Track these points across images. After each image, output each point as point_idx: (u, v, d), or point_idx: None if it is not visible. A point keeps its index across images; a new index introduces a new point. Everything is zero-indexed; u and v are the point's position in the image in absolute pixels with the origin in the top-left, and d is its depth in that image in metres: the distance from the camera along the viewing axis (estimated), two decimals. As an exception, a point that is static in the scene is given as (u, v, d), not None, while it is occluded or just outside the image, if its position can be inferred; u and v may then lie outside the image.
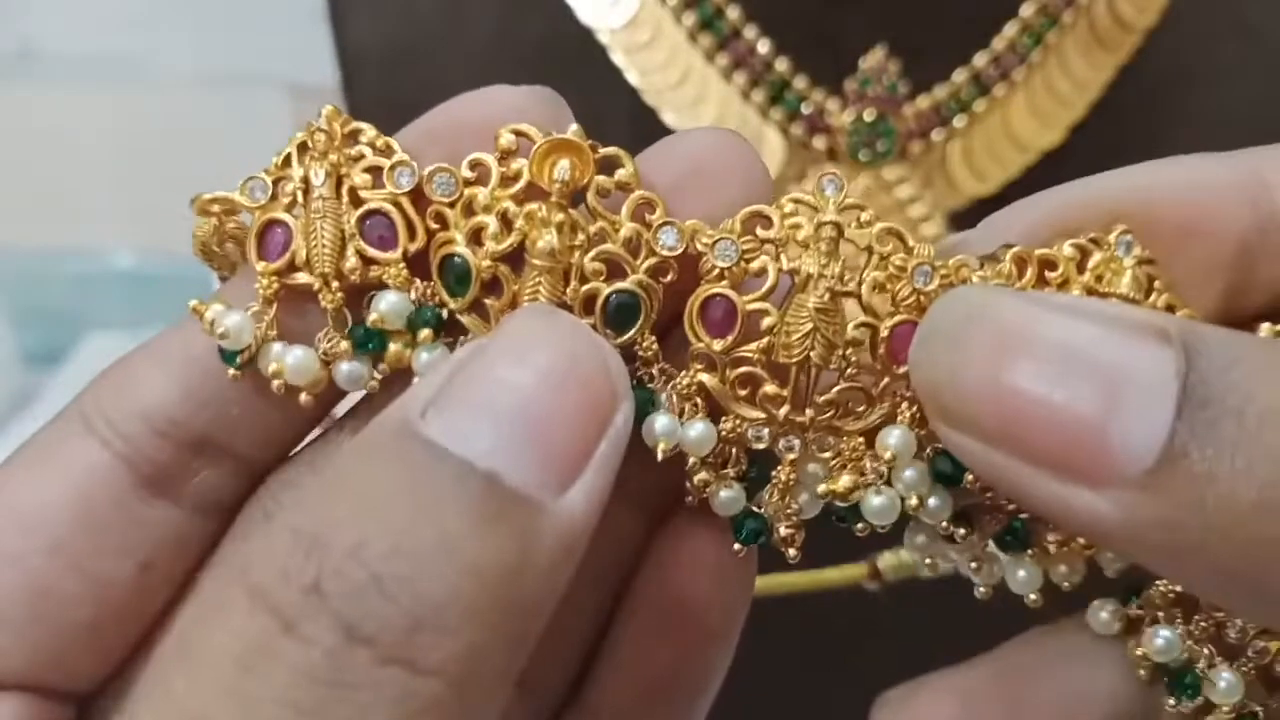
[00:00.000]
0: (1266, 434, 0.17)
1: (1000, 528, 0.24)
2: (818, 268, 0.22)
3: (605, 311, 0.22)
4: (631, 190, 0.22)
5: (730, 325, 0.22)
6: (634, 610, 0.24)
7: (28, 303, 0.89)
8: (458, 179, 0.22)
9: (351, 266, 0.22)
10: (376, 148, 0.23)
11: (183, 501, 0.23)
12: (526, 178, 0.22)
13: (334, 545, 0.17)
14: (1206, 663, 0.23)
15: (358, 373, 0.23)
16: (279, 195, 0.23)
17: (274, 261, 0.22)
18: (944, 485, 0.22)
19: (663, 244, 0.22)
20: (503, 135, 0.22)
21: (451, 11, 0.45)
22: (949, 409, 0.20)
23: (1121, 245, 0.23)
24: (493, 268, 0.22)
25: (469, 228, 0.22)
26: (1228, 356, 0.18)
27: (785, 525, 0.23)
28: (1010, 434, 0.19)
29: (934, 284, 0.22)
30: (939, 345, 0.20)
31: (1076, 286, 0.23)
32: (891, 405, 0.22)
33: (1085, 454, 0.18)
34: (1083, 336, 0.19)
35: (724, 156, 0.22)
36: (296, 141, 0.23)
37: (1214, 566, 0.18)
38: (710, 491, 0.23)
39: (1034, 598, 0.24)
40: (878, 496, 0.22)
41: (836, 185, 0.22)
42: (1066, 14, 0.44)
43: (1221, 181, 0.24)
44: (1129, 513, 0.18)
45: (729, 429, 0.22)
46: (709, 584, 0.24)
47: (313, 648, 0.17)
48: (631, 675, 0.24)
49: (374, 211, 0.22)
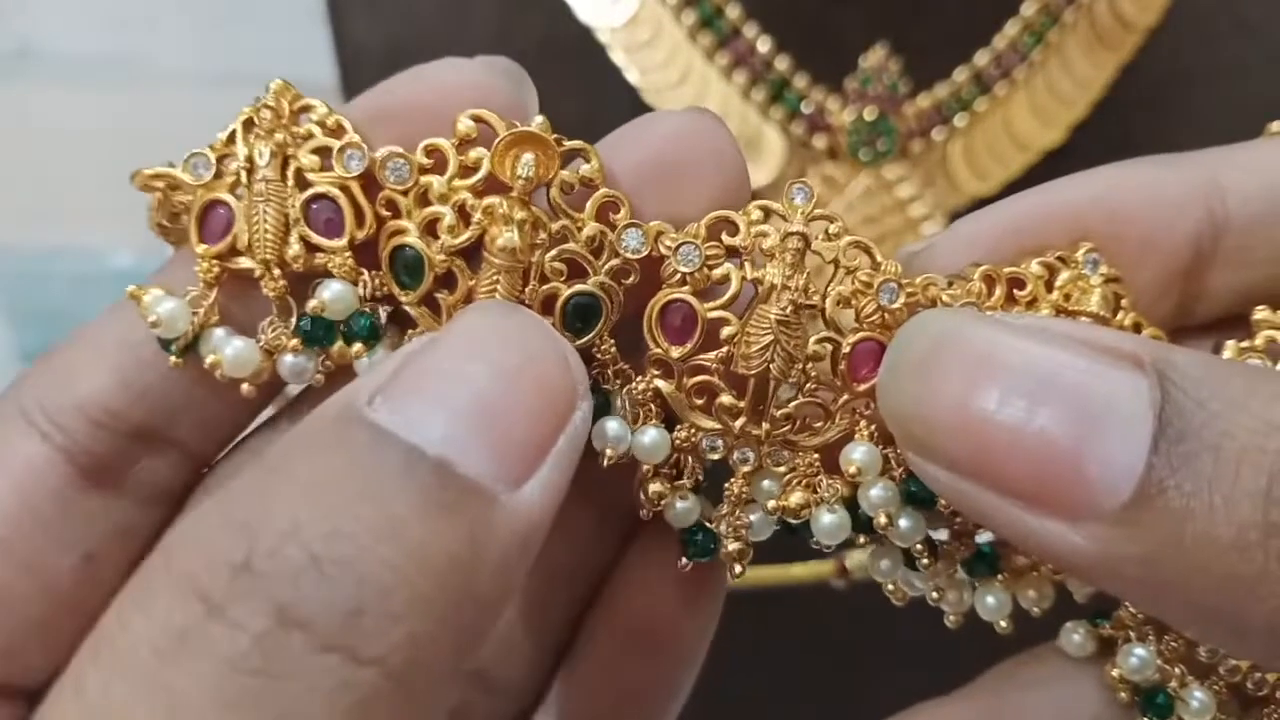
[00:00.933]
0: (1244, 470, 0.17)
1: (969, 553, 0.23)
2: (782, 279, 0.21)
3: (564, 312, 0.21)
4: (596, 186, 0.21)
5: (690, 332, 0.21)
6: (603, 623, 0.24)
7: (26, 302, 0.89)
8: (412, 165, 0.21)
9: (295, 254, 0.21)
10: (327, 126, 0.21)
11: (125, 492, 0.22)
12: (487, 169, 0.21)
13: (268, 525, 0.16)
14: (1178, 682, 0.23)
15: (302, 366, 0.22)
16: (223, 173, 0.22)
17: (215, 244, 0.21)
18: (915, 507, 0.22)
19: (626, 246, 0.21)
20: (461, 121, 0.21)
21: (451, 11, 0.45)
22: (918, 438, 0.20)
23: (1089, 263, 0.23)
24: (447, 262, 0.21)
25: (423, 218, 0.21)
26: (1204, 386, 0.18)
27: (733, 541, 0.22)
28: (981, 464, 0.18)
29: (900, 301, 0.21)
30: (907, 372, 0.20)
31: (1045, 305, 0.23)
32: (850, 422, 0.22)
33: (1058, 486, 0.18)
34: (1054, 363, 0.18)
35: (696, 141, 0.22)
36: (242, 117, 0.22)
37: (1192, 602, 0.17)
38: (665, 504, 0.22)
39: (1004, 624, 0.23)
40: (829, 514, 0.22)
41: (806, 194, 0.21)
42: (1068, 13, 0.44)
43: (1178, 190, 0.23)
44: (1104, 547, 0.17)
45: (684, 438, 0.22)
46: (677, 602, 0.24)
47: (241, 633, 0.15)
48: (598, 689, 0.24)
49: (320, 196, 0.21)
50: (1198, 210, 0.23)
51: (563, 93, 0.23)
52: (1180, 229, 0.23)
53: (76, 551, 0.22)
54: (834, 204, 0.44)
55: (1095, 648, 0.24)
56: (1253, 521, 0.17)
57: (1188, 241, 0.23)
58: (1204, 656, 0.23)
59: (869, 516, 0.22)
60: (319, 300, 0.21)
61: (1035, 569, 0.24)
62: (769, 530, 0.23)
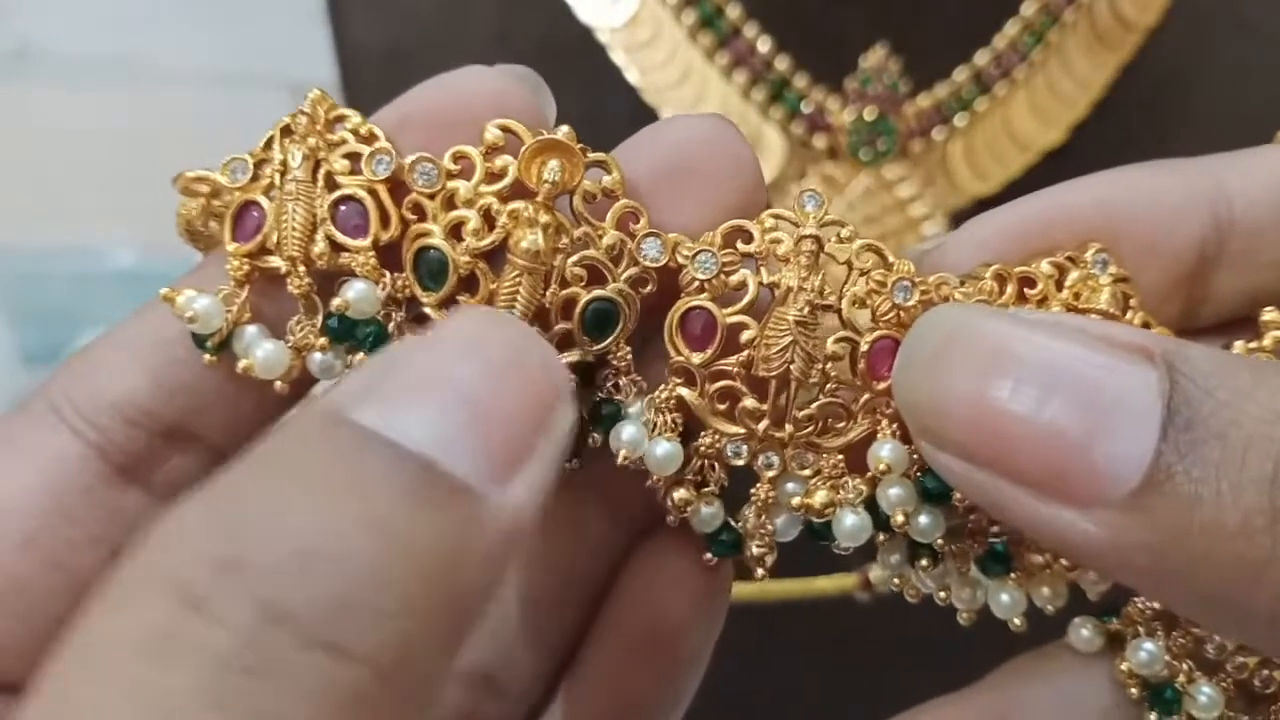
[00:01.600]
0: (1251, 457, 0.17)
1: (982, 550, 0.23)
2: (798, 280, 0.21)
3: (583, 317, 0.22)
4: (617, 197, 0.22)
5: (710, 338, 0.22)
6: (610, 627, 0.24)
7: (27, 302, 0.89)
8: (440, 170, 0.22)
9: (320, 251, 0.22)
10: (360, 134, 0.22)
11: (153, 489, 0.22)
12: (513, 175, 0.22)
13: (253, 518, 0.16)
14: (1186, 678, 0.23)
15: (329, 363, 0.22)
16: (260, 177, 0.22)
17: (246, 243, 0.22)
18: (932, 503, 0.22)
19: (645, 255, 0.22)
20: (489, 130, 0.22)
21: (451, 11, 0.45)
22: (932, 428, 0.20)
23: (1098, 263, 0.23)
24: (472, 264, 0.22)
25: (448, 221, 0.22)
26: (1212, 377, 0.18)
27: (757, 544, 0.23)
28: (993, 454, 0.19)
29: (914, 299, 0.22)
30: (921, 364, 0.20)
31: (1056, 303, 0.23)
32: (872, 421, 0.22)
33: (1069, 474, 0.18)
34: (1065, 355, 0.19)
35: (712, 146, 0.22)
36: (280, 125, 0.22)
37: (1199, 589, 0.18)
38: (691, 510, 0.23)
39: (1018, 622, 0.24)
40: (852, 515, 0.22)
41: (817, 201, 0.22)
42: (1068, 12, 0.44)
43: (1182, 195, 0.23)
44: (1114, 534, 0.18)
45: (708, 444, 0.22)
46: (685, 608, 0.24)
47: (225, 629, 0.15)
48: (603, 692, 0.24)
49: (348, 197, 0.22)
50: (1201, 215, 0.23)
51: (563, 93, 0.23)
52: (1183, 234, 0.23)
53: (104, 547, 0.22)
54: (834, 204, 0.44)
55: (1103, 643, 0.24)
56: (1259, 507, 0.17)
57: (1191, 246, 0.23)
58: (1212, 653, 0.23)
59: (888, 515, 0.22)
60: (343, 299, 0.22)
61: (1049, 567, 0.24)
62: (795, 530, 0.23)
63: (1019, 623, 0.24)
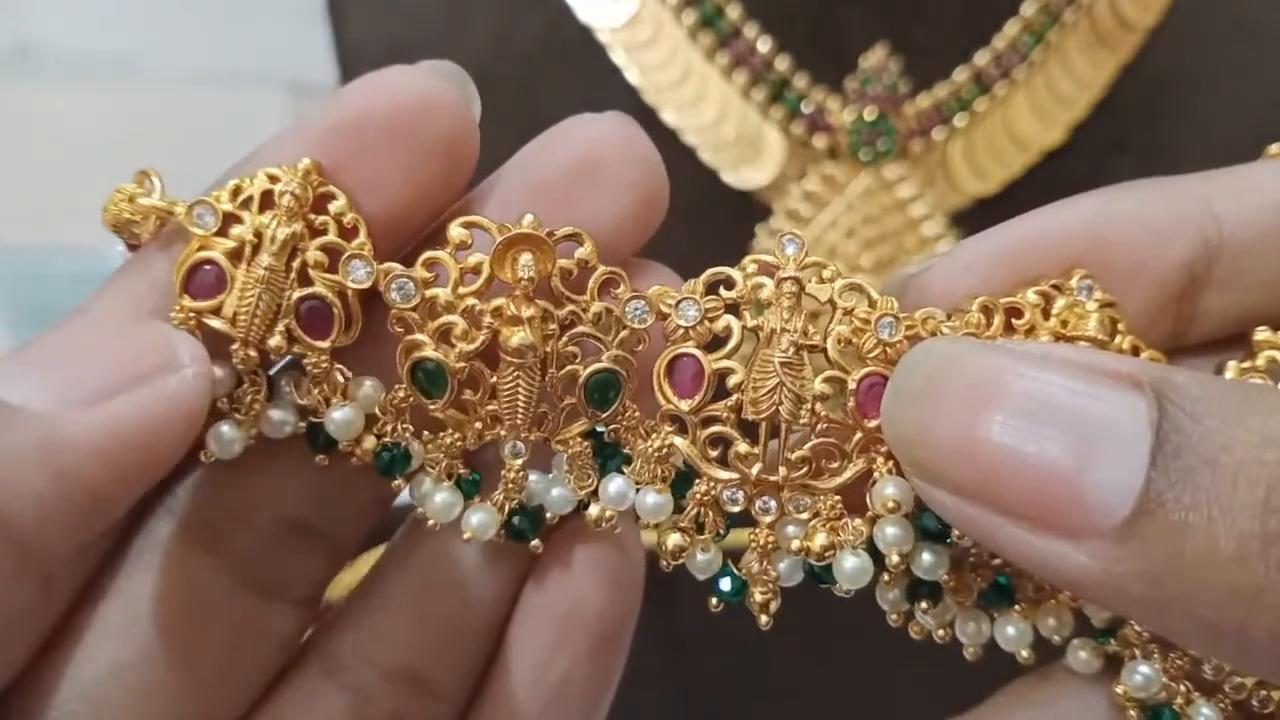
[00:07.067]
0: (1242, 483, 0.17)
1: (986, 584, 0.23)
2: (780, 322, 0.22)
3: (586, 389, 0.22)
4: (593, 267, 0.22)
5: (698, 385, 0.22)
6: (528, 617, 0.24)
7: (25, 301, 0.89)
8: (417, 283, 0.22)
9: (276, 345, 0.22)
10: (343, 224, 0.22)
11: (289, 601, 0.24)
12: (487, 273, 0.22)
13: None
14: (1184, 699, 0.23)
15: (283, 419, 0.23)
16: (227, 233, 0.22)
17: (199, 300, 0.22)
18: (931, 540, 0.22)
19: (632, 316, 0.22)
20: (453, 230, 0.22)
21: (451, 11, 0.45)
22: (922, 463, 0.20)
23: (1083, 290, 0.23)
24: (465, 367, 0.22)
25: (436, 327, 0.22)
26: (1201, 403, 0.18)
27: (760, 590, 0.23)
28: (984, 488, 0.19)
29: (899, 335, 0.22)
30: (910, 399, 0.20)
31: (1044, 332, 0.23)
32: (866, 460, 0.22)
33: (1060, 506, 0.18)
34: (1053, 387, 0.18)
35: (619, 144, 0.22)
36: (262, 188, 0.22)
37: (1196, 617, 0.17)
38: (686, 556, 0.23)
39: (1025, 654, 0.24)
40: (853, 558, 0.22)
41: (797, 245, 0.22)
42: (1068, 13, 0.44)
43: (1170, 217, 0.23)
44: (1107, 565, 0.18)
45: (704, 491, 0.22)
46: (601, 591, 0.24)
47: None
48: (529, 682, 0.24)
49: (317, 297, 0.22)
50: (1190, 236, 0.23)
51: (563, 93, 0.23)
52: (1170, 255, 0.23)
53: None
54: (834, 204, 0.44)
55: (1101, 665, 0.24)
56: (1251, 532, 0.17)
57: (1178, 267, 0.23)
58: (1209, 674, 0.23)
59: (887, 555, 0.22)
60: (334, 425, 0.22)
61: (1054, 597, 0.24)
62: (798, 576, 0.23)
63: (1026, 654, 0.24)
